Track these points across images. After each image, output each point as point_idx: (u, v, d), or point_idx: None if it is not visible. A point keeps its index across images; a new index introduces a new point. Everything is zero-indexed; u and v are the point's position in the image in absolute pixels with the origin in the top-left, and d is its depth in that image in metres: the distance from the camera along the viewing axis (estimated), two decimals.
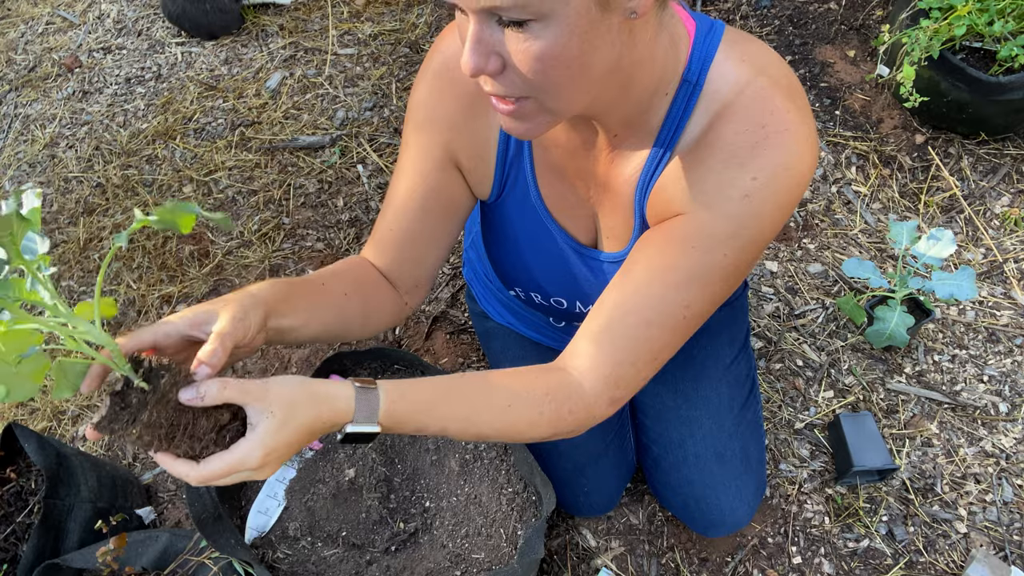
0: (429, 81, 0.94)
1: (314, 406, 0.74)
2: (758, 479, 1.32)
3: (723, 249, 0.82)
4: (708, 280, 0.84)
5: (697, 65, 0.81)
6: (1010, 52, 1.68)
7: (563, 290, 1.10)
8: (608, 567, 1.44)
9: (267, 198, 2.02)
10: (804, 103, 0.81)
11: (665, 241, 0.85)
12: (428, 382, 0.83)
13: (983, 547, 1.41)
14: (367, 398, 0.76)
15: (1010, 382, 1.60)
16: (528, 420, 0.85)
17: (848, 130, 1.98)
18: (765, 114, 0.78)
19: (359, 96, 2.20)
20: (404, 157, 1.01)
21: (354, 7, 2.43)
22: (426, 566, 1.18)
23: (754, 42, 0.84)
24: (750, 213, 0.80)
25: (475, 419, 0.83)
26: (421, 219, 1.02)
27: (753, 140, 0.78)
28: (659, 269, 0.85)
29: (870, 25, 2.16)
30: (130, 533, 1.25)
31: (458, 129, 0.95)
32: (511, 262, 1.11)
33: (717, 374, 1.31)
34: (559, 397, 0.86)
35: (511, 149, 0.96)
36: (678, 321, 0.86)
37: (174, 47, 2.41)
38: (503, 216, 1.05)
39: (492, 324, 1.46)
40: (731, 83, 0.80)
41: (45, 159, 2.19)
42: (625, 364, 0.87)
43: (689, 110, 0.82)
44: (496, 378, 0.86)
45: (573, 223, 1.01)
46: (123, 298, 1.88)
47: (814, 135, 0.81)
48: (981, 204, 1.84)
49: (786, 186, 0.80)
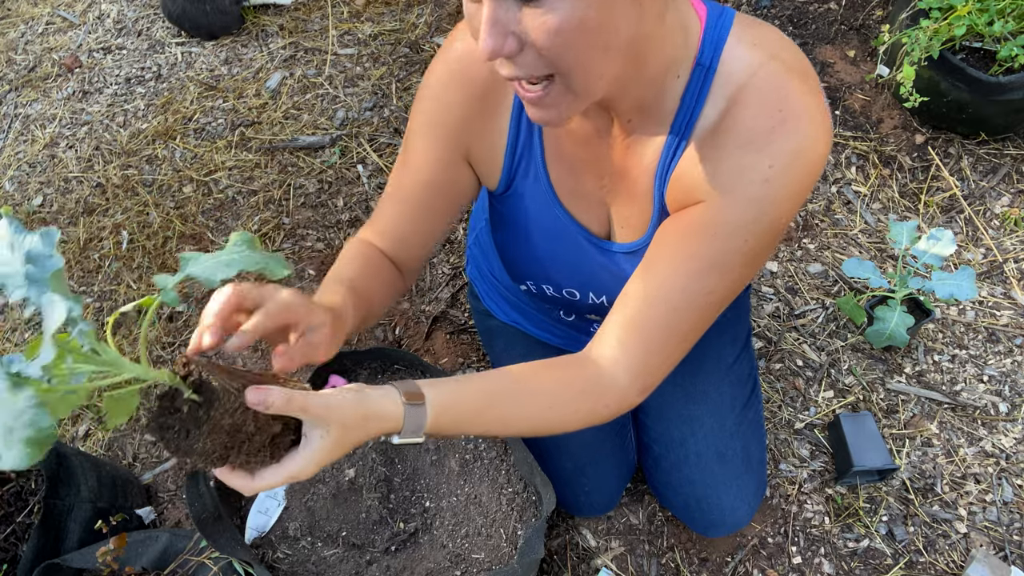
0: (440, 74, 0.94)
1: (366, 426, 0.75)
2: (759, 479, 1.32)
3: (744, 235, 0.83)
4: (731, 266, 0.85)
5: (710, 48, 0.81)
6: (1010, 52, 1.68)
7: (575, 281, 1.10)
8: (608, 567, 1.44)
9: (267, 198, 2.02)
10: (817, 86, 0.82)
11: (686, 229, 0.86)
12: (471, 390, 0.84)
13: (983, 547, 1.41)
14: (415, 414, 0.78)
15: (1010, 382, 1.60)
16: (565, 418, 0.88)
17: (848, 130, 1.98)
18: (780, 98, 0.78)
19: (359, 96, 2.20)
20: (412, 150, 1.00)
21: (354, 7, 2.43)
22: (426, 566, 1.17)
23: (765, 26, 0.84)
24: (769, 198, 0.81)
25: (514, 422, 0.87)
26: (428, 210, 1.03)
27: (770, 125, 0.78)
28: (682, 258, 0.86)
29: (870, 25, 2.16)
30: (130, 533, 1.25)
31: (470, 126, 0.96)
32: (522, 254, 1.11)
33: (719, 373, 1.31)
34: (595, 393, 0.88)
35: (521, 140, 0.96)
36: (703, 307, 0.88)
37: (174, 47, 2.41)
38: (514, 207, 1.05)
39: (496, 323, 1.45)
40: (744, 66, 0.80)
41: (45, 159, 2.19)
42: (654, 353, 0.89)
43: (704, 94, 0.82)
44: (534, 380, 0.89)
45: (585, 214, 1.01)
46: (123, 298, 1.88)
47: (828, 118, 0.81)
48: (981, 204, 1.84)
49: (803, 170, 0.80)
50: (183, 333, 1.80)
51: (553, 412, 0.87)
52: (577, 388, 0.88)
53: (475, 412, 0.84)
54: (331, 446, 0.72)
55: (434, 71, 0.95)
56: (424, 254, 1.09)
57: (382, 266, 1.04)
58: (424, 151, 0.99)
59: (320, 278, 1.85)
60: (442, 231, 1.08)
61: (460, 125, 0.96)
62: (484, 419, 0.84)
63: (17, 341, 1.86)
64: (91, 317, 1.86)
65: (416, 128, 0.99)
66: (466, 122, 0.95)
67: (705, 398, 1.30)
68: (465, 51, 0.91)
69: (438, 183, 1.01)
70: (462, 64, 0.92)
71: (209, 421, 0.66)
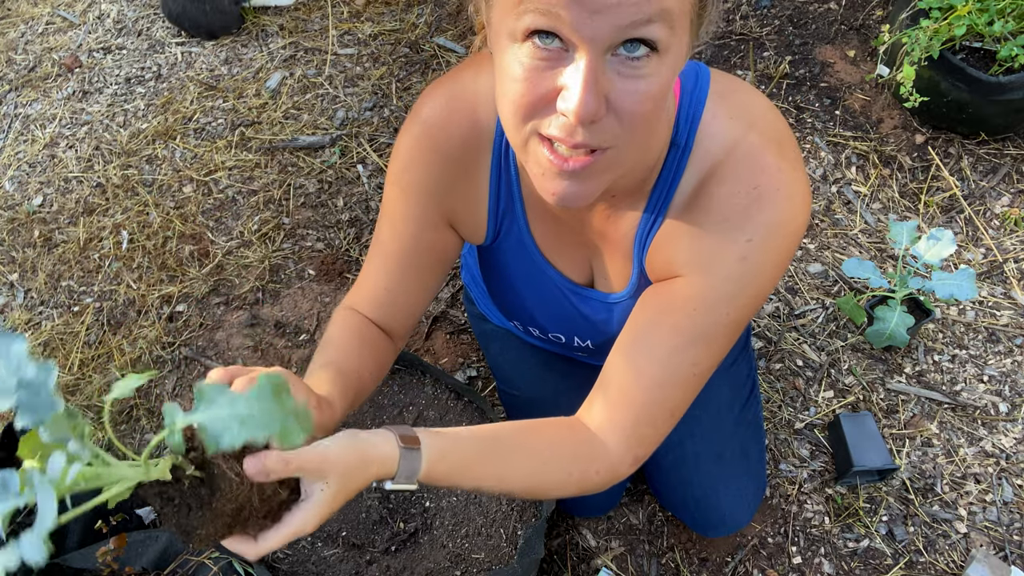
0: (412, 146, 0.91)
1: (364, 471, 0.74)
2: (758, 479, 1.32)
3: (724, 309, 0.83)
4: (712, 338, 0.85)
5: (685, 126, 0.80)
6: (1010, 52, 1.68)
7: (560, 327, 1.11)
8: (608, 567, 1.44)
9: (267, 198, 2.02)
10: (795, 154, 0.81)
11: (667, 304, 0.86)
12: (467, 440, 0.83)
13: (983, 547, 1.41)
14: (410, 459, 0.77)
15: (1010, 382, 1.60)
16: (557, 482, 0.87)
17: (848, 130, 1.98)
18: (757, 173, 0.78)
19: (359, 96, 2.20)
20: (391, 215, 0.97)
21: (354, 7, 2.43)
22: (426, 566, 1.18)
23: (741, 91, 0.83)
24: (748, 273, 0.81)
25: (507, 480, 0.85)
26: (413, 275, 1.01)
27: (746, 202, 0.78)
28: (664, 333, 0.86)
29: (870, 25, 2.16)
30: (130, 533, 1.25)
31: (448, 192, 0.93)
32: (509, 300, 1.12)
33: (718, 375, 1.30)
34: (586, 459, 0.88)
35: (502, 200, 0.95)
36: (688, 379, 0.87)
37: (174, 47, 2.41)
38: (499, 259, 1.05)
39: (491, 326, 1.46)
40: (721, 142, 0.79)
41: (45, 159, 2.19)
42: (643, 424, 0.89)
43: (680, 173, 0.82)
44: (527, 439, 0.88)
45: (569, 264, 1.01)
46: (123, 298, 1.88)
47: (806, 188, 0.81)
48: (981, 204, 1.84)
49: (782, 243, 0.80)
50: (183, 333, 1.80)
51: (543, 474, 0.86)
52: (569, 453, 0.87)
53: (470, 463, 0.82)
54: (331, 498, 0.71)
55: (405, 137, 0.92)
56: (411, 321, 1.06)
57: (371, 338, 1.02)
58: (404, 217, 0.96)
59: (320, 278, 1.86)
60: (428, 295, 1.05)
61: (439, 188, 0.93)
62: (479, 472, 0.83)
63: None
64: (91, 317, 1.86)
65: (393, 196, 0.96)
66: (444, 185, 0.93)
67: (703, 399, 1.29)
68: (436, 116, 0.88)
69: (421, 247, 0.98)
70: (434, 129, 0.89)
71: (212, 508, 0.65)
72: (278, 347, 1.77)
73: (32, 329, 1.88)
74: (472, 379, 1.69)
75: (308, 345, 1.76)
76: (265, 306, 1.83)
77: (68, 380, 1.77)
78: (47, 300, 1.92)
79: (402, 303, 1.03)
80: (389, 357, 1.06)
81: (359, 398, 0.96)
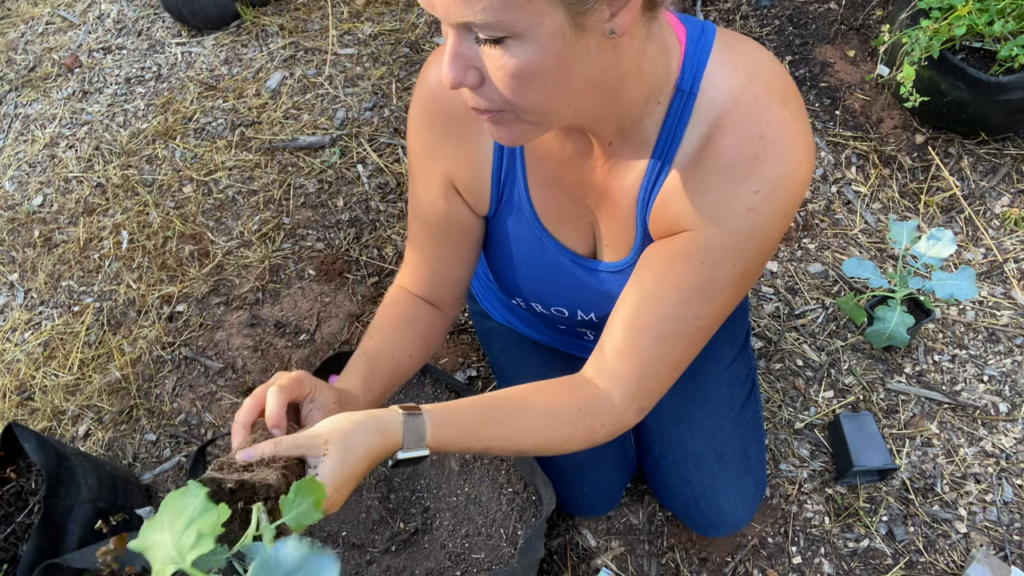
0: (418, 112, 0.95)
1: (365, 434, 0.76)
2: (758, 479, 1.32)
3: (731, 261, 0.84)
4: (719, 291, 0.86)
5: (690, 74, 0.80)
6: (1010, 52, 1.68)
7: (563, 301, 1.11)
8: (608, 567, 1.44)
9: (267, 198, 2.02)
10: (799, 105, 0.82)
11: (673, 257, 0.86)
12: (469, 405, 0.86)
13: (983, 547, 1.41)
14: (414, 424, 0.79)
15: (1010, 382, 1.60)
16: (565, 436, 0.89)
17: (848, 130, 1.98)
18: (762, 124, 0.78)
19: (359, 96, 2.20)
20: (413, 186, 1.03)
21: (354, 7, 2.43)
22: (426, 566, 1.18)
23: (746, 44, 0.84)
24: (755, 225, 0.81)
25: (515, 437, 0.87)
26: (443, 245, 1.05)
27: (752, 152, 0.78)
28: (670, 286, 0.86)
29: (870, 25, 2.16)
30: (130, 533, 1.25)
31: (451, 154, 0.96)
32: (510, 275, 1.12)
33: (717, 374, 1.31)
34: (591, 412, 0.89)
35: (504, 165, 0.96)
36: (693, 332, 0.88)
37: (174, 47, 2.41)
38: (500, 231, 1.05)
39: (493, 324, 1.46)
40: (725, 91, 0.80)
41: (45, 159, 2.19)
42: (648, 377, 0.90)
43: (684, 120, 0.82)
44: (531, 397, 0.90)
45: (570, 234, 1.01)
46: (123, 298, 1.88)
47: (810, 138, 0.81)
48: (981, 204, 1.84)
49: (787, 194, 0.80)
50: (183, 333, 1.80)
51: (551, 429, 0.88)
52: (574, 407, 0.89)
53: (475, 425, 0.84)
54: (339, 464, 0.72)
55: (413, 105, 0.96)
56: (457, 290, 1.11)
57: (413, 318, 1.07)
58: (424, 188, 1.01)
59: (320, 278, 1.86)
60: (464, 265, 1.09)
61: (444, 151, 0.96)
62: (486, 433, 0.85)
63: (17, 341, 1.86)
64: (91, 317, 1.87)
65: (412, 166, 1.01)
66: (449, 148, 0.95)
67: (703, 399, 1.30)
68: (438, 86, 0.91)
69: (440, 216, 1.02)
70: (439, 91, 0.91)
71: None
72: (278, 347, 1.77)
73: (32, 329, 1.88)
74: (472, 379, 1.69)
75: (308, 345, 1.76)
76: (265, 306, 1.84)
77: (68, 380, 1.77)
78: (47, 300, 1.92)
79: (440, 272, 1.07)
80: (438, 331, 1.11)
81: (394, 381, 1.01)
